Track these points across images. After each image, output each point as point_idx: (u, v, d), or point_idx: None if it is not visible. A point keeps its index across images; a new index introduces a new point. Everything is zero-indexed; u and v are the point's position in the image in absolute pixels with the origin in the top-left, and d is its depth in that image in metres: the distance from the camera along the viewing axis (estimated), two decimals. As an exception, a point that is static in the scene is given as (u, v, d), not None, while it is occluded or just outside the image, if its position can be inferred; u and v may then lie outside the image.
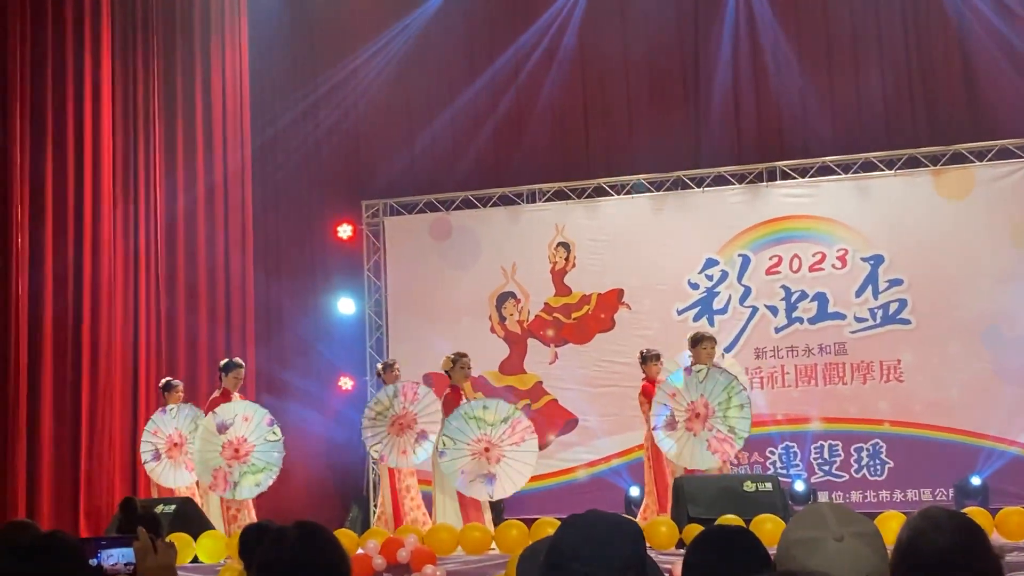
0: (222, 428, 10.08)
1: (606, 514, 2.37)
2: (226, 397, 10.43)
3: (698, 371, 9.67)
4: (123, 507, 8.05)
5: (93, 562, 2.77)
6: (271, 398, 12.94)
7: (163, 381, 11.18)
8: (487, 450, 9.82)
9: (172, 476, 10.65)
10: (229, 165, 13.09)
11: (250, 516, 10.13)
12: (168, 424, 10.73)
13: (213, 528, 9.69)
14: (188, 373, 12.45)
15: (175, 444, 10.66)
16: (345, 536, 9.13)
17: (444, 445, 9.87)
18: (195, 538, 9.17)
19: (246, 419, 10.14)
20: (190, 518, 9.63)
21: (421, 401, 10.60)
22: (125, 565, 2.80)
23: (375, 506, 13.08)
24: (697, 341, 9.83)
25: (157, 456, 10.66)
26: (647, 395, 10.10)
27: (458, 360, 10.33)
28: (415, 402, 10.58)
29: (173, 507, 9.73)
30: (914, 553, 2.40)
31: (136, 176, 12.41)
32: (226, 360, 10.83)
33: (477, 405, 9.99)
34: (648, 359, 10.31)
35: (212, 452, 10.06)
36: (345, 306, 13.77)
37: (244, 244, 13.14)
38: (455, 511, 9.88)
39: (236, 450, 10.04)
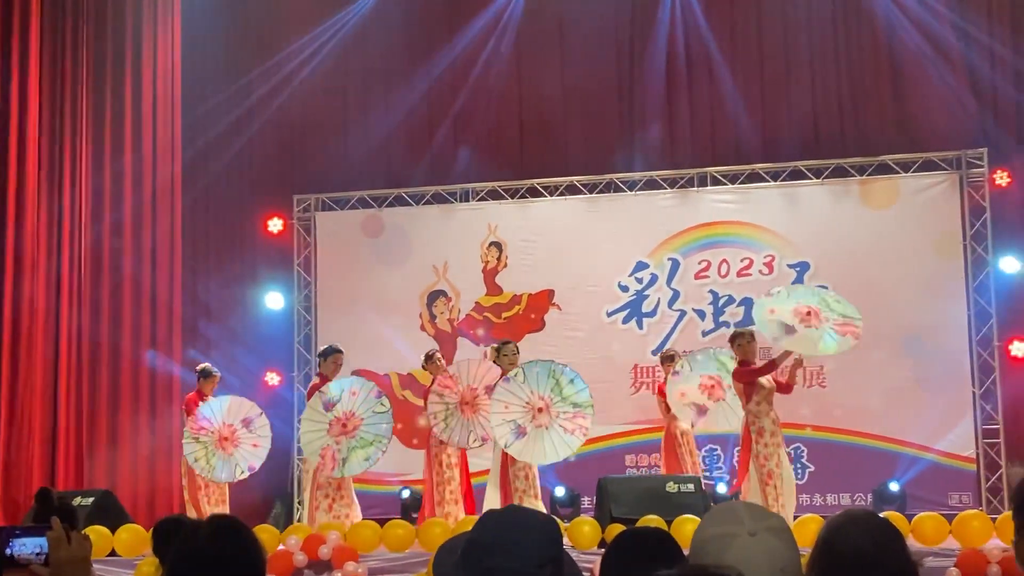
0: (328, 406, 9.87)
1: (524, 510, 2.37)
2: (324, 382, 10.25)
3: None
4: (39, 498, 7.88)
5: (7, 552, 2.70)
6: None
7: (200, 367, 10.85)
8: (540, 411, 9.62)
9: (224, 470, 10.22)
10: (159, 158, 12.93)
11: (351, 509, 9.90)
12: (216, 418, 10.31)
13: (132, 522, 9.55)
14: (111, 366, 12.28)
15: (224, 438, 10.26)
16: (266, 532, 9.06)
17: (515, 375, 9.69)
18: (113, 531, 9.04)
19: (354, 393, 9.93)
20: (109, 511, 9.49)
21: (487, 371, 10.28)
22: (36, 555, 2.73)
23: (299, 503, 13.00)
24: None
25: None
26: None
27: (502, 348, 10.19)
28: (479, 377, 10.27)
29: (91, 499, 9.58)
30: (832, 550, 2.42)
31: (62, 167, 12.22)
32: (325, 346, 10.66)
33: (570, 373, 9.79)
34: (666, 359, 10.79)
35: (319, 432, 9.79)
36: (274, 301, 13.64)
37: (172, 237, 12.98)
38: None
39: (344, 425, 9.80)
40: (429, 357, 10.74)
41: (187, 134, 13.31)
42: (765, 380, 9.54)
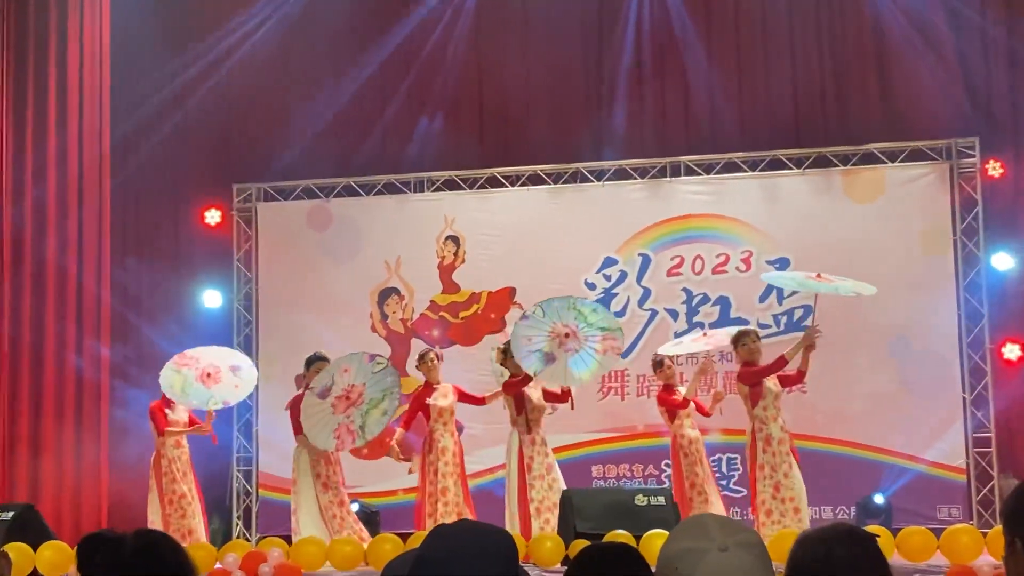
0: (324, 393, 9.98)
1: (478, 525, 2.38)
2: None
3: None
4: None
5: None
6: (127, 398, 12.72)
7: (312, 356, 10.95)
8: (567, 336, 9.88)
9: (197, 397, 10.60)
10: (85, 145, 12.81)
11: (351, 524, 10.09)
12: (205, 356, 10.75)
13: (55, 538, 9.48)
14: (33, 366, 12.16)
15: (208, 374, 10.66)
16: (201, 549, 9.01)
17: (533, 311, 10.03)
18: (35, 548, 8.96)
19: (345, 371, 10.06)
20: (30, 526, 9.40)
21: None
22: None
23: (238, 517, 12.95)
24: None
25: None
26: (662, 403, 10.42)
27: (509, 348, 10.31)
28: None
29: (11, 514, 9.49)
30: (808, 566, 2.44)
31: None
32: (310, 355, 10.77)
33: (589, 304, 10.31)
34: (658, 365, 10.65)
35: (323, 417, 9.91)
36: (211, 299, 13.57)
37: (100, 229, 12.87)
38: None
39: (348, 397, 9.93)
40: (421, 357, 10.84)
41: (117, 115, 13.20)
42: (772, 382, 9.58)
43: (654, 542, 8.04)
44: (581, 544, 8.11)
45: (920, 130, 12.53)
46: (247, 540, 12.29)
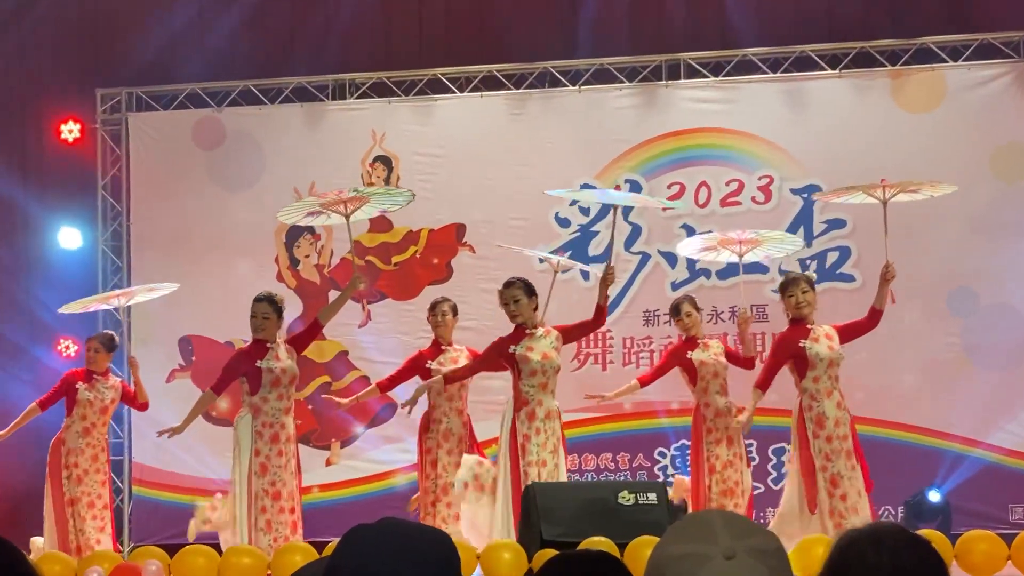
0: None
1: (406, 525, 2.39)
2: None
3: None
4: None
5: None
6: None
7: (102, 337, 11.11)
8: None
9: None
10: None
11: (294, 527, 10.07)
12: None
13: None
14: None
15: None
16: (57, 562, 9.04)
17: None
18: None
19: None
20: None
21: None
22: None
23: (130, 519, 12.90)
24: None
25: None
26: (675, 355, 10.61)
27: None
28: None
29: None
30: (843, 574, 2.45)
31: None
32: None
33: None
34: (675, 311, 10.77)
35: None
36: (68, 238, 13.50)
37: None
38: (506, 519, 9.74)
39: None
40: (433, 307, 10.83)
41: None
42: (826, 346, 9.61)
43: (642, 551, 8.01)
44: (548, 555, 8.08)
45: (989, 19, 12.53)
46: (117, 550, 12.23)
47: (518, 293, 9.98)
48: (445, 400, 10.42)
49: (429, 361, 10.58)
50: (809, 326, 9.70)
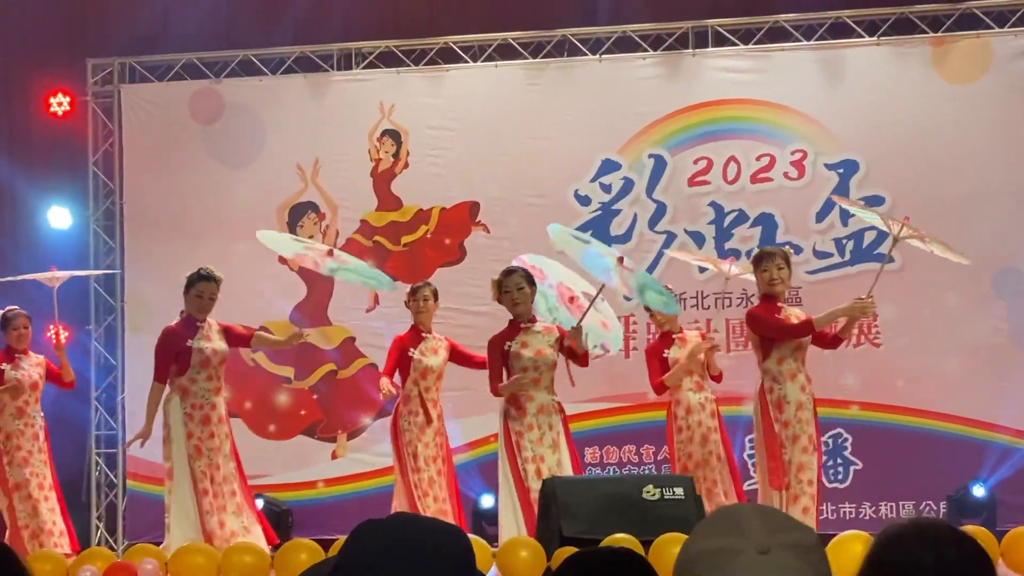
0: None
1: (417, 521, 2.41)
2: None
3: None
4: None
5: None
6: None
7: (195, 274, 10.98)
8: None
9: None
10: None
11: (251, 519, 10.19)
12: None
13: None
14: None
15: None
16: (48, 561, 9.10)
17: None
18: None
19: None
20: None
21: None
22: None
23: (98, 517, 12.94)
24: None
25: None
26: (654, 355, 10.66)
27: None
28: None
29: None
30: (883, 570, 2.46)
31: None
32: (193, 273, 10.70)
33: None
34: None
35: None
36: (58, 217, 13.51)
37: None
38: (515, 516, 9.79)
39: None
40: (414, 292, 10.90)
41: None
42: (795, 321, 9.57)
43: (669, 549, 8.00)
44: (569, 553, 8.07)
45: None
46: (111, 548, 12.27)
47: (522, 281, 10.03)
48: (423, 391, 10.55)
49: (411, 349, 10.64)
50: (780, 304, 9.65)
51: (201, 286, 10.26)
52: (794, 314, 9.67)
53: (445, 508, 10.43)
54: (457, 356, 10.77)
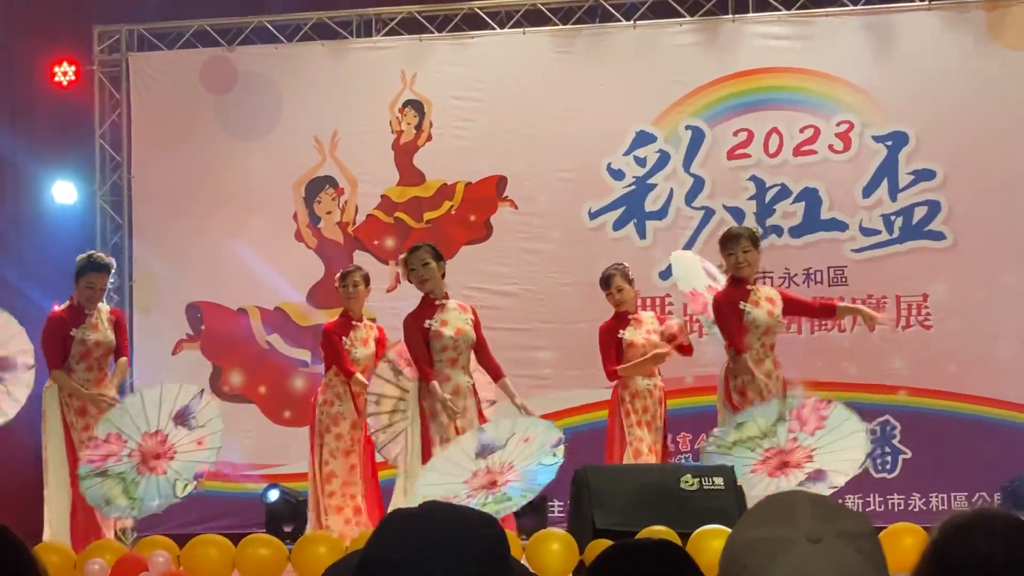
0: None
1: (449, 508, 2.38)
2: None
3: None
4: None
5: None
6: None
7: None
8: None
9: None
10: None
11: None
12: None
13: None
14: None
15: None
16: (55, 552, 9.07)
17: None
18: None
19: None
20: None
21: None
22: None
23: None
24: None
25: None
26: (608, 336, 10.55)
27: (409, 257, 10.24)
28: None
29: None
30: (949, 565, 2.45)
31: None
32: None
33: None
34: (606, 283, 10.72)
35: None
36: (63, 192, 13.54)
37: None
38: None
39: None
40: (344, 277, 10.91)
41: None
42: (762, 309, 9.67)
43: (709, 542, 8.02)
44: (603, 546, 8.12)
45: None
46: (120, 540, 12.32)
47: (427, 256, 9.97)
48: (341, 382, 10.68)
49: (343, 339, 10.74)
50: (749, 287, 9.77)
51: (92, 277, 10.22)
52: (765, 296, 9.82)
53: (358, 504, 10.56)
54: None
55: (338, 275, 11.09)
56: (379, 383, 10.31)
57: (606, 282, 10.72)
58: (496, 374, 10.13)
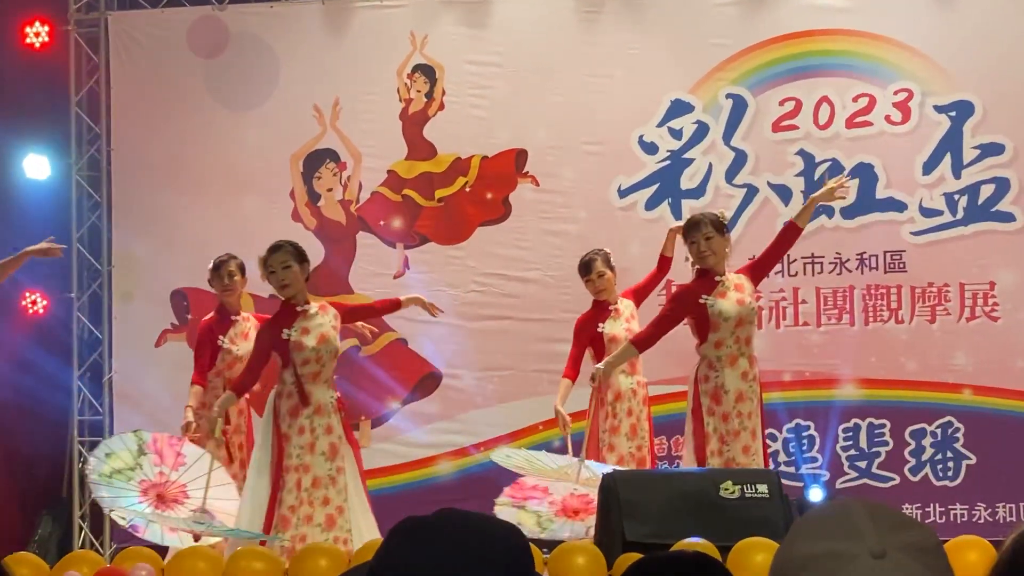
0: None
1: (468, 517, 2.40)
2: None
3: None
4: None
5: None
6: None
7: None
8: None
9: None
10: None
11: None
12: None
13: None
14: None
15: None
16: (26, 565, 9.09)
17: None
18: None
19: None
20: None
21: (188, 467, 10.25)
22: None
23: (81, 516, 13.04)
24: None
25: None
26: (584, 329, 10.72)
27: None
28: (179, 468, 10.26)
29: None
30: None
31: None
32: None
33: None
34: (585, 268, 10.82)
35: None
36: (35, 166, 13.61)
37: None
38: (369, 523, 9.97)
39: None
40: (219, 267, 10.99)
41: None
42: (733, 301, 9.73)
43: (750, 556, 8.04)
44: (632, 560, 8.11)
45: None
46: (97, 551, 12.35)
47: (288, 258, 9.96)
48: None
49: (220, 337, 10.79)
50: (717, 278, 9.79)
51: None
52: (733, 283, 9.87)
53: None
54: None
55: (210, 265, 11.03)
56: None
57: (586, 267, 10.87)
58: (392, 306, 10.85)
